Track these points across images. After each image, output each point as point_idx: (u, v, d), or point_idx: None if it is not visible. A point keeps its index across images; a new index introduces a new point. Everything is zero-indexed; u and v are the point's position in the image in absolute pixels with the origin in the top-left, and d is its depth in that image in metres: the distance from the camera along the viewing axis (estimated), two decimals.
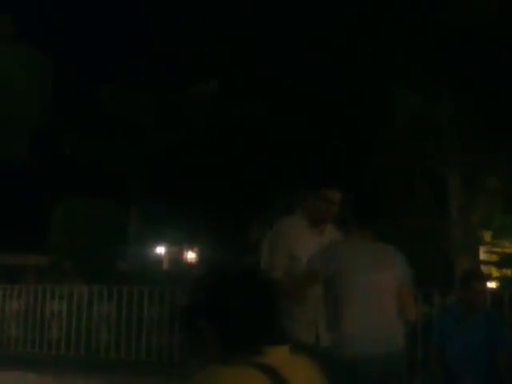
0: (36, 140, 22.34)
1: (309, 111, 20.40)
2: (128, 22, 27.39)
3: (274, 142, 22.86)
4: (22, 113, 21.28)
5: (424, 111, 16.48)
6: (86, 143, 25.37)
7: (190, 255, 31.07)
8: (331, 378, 2.47)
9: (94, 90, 25.30)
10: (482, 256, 18.92)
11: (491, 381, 6.27)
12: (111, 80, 25.27)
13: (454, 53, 15.64)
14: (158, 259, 29.31)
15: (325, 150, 18.85)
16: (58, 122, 24.33)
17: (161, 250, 30.27)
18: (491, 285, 17.53)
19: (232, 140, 24.60)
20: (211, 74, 24.26)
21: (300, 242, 5.27)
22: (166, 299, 13.75)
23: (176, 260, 29.70)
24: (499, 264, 19.66)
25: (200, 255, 29.70)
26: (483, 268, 17.43)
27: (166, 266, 28.61)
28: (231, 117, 24.36)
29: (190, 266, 28.88)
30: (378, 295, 4.88)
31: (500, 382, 6.25)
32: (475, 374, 6.27)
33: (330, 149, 18.46)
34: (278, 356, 2.21)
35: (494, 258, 19.84)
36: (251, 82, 22.10)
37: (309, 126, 20.30)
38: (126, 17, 27.39)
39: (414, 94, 16.48)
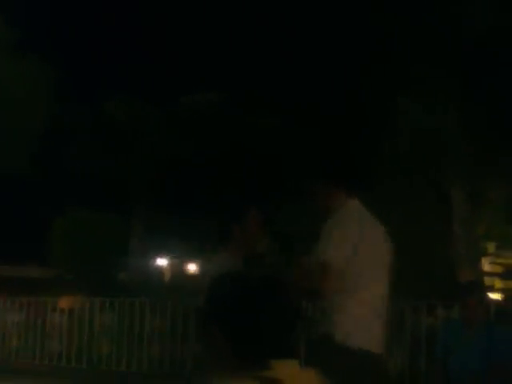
0: (39, 151, 22.32)
1: (312, 122, 20.41)
2: (131, 33, 27.47)
3: (277, 154, 22.86)
4: (24, 123, 21.26)
5: (427, 124, 16.48)
6: (88, 155, 25.36)
7: (192, 267, 31.02)
8: None
9: (97, 101, 25.34)
10: (486, 267, 18.88)
11: None
12: (114, 90, 25.32)
13: (458, 65, 15.67)
14: (160, 271, 29.26)
15: (327, 163, 18.81)
16: (61, 133, 24.34)
17: (162, 261, 30.22)
18: (495, 296, 17.50)
19: (234, 151, 24.60)
20: (214, 84, 24.35)
21: None
22: (167, 311, 13.70)
23: (178, 272, 29.65)
24: (503, 275, 19.62)
25: (202, 267, 29.65)
26: (487, 279, 17.39)
27: (167, 277, 28.56)
28: (234, 127, 24.38)
29: (191, 277, 28.82)
30: None
31: None
32: None
33: (333, 161, 18.43)
34: (287, 370, 2.18)
35: (498, 269, 19.80)
36: (256, 92, 22.15)
37: (312, 137, 20.30)
38: (129, 28, 27.48)
39: (417, 107, 16.48)
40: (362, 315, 4.59)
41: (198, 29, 25.32)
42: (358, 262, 4.58)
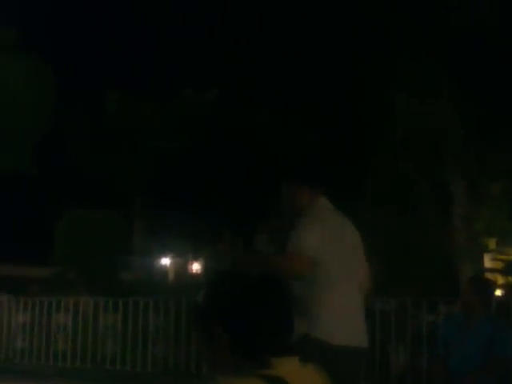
0: (39, 150, 22.31)
1: (310, 117, 20.40)
2: (129, 31, 27.44)
3: (276, 148, 22.83)
4: (25, 123, 21.29)
5: (427, 117, 16.46)
6: (89, 153, 25.37)
7: (195, 266, 31.03)
8: None
9: (97, 100, 25.33)
10: (487, 263, 18.86)
11: None
12: (114, 89, 25.31)
13: (456, 57, 15.67)
14: (164, 270, 29.27)
15: (326, 158, 18.84)
16: (61, 132, 24.35)
17: (166, 261, 30.25)
18: (496, 292, 17.50)
19: (235, 148, 24.61)
20: (212, 81, 24.37)
21: None
22: (171, 310, 13.75)
23: (181, 271, 29.66)
24: (504, 271, 19.59)
25: (205, 266, 29.66)
26: (488, 275, 17.39)
27: (171, 277, 28.57)
28: (233, 124, 24.38)
29: (195, 276, 28.84)
30: None
31: None
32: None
33: (332, 156, 18.45)
34: (287, 367, 2.20)
35: (499, 265, 19.76)
36: (252, 88, 22.14)
37: (310, 132, 20.30)
38: (127, 25, 27.46)
39: (417, 100, 16.47)
40: (343, 308, 4.66)
41: (192, 24, 25.32)
42: (330, 255, 4.69)
